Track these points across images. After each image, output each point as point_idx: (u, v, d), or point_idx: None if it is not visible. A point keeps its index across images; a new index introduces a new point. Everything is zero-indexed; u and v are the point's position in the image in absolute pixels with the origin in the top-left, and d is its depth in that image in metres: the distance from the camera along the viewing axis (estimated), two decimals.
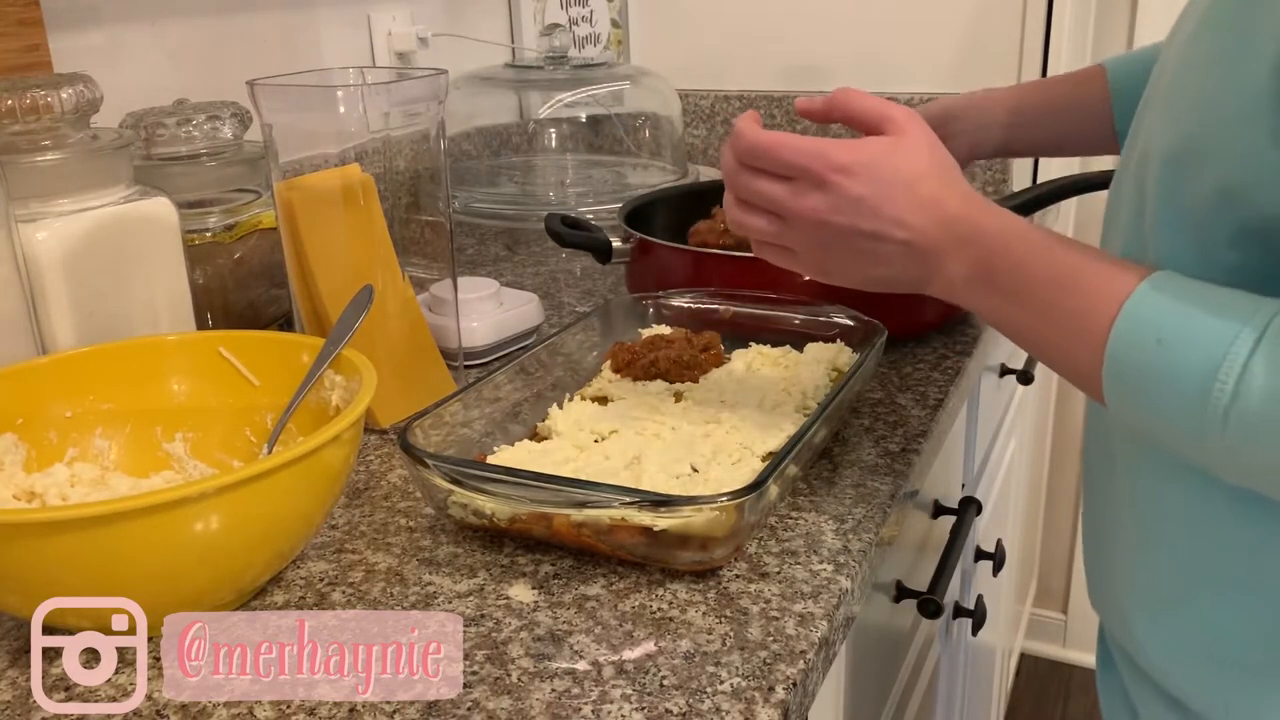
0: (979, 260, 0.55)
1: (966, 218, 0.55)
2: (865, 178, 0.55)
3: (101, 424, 0.65)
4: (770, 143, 0.56)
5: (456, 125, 1.37)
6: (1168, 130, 0.54)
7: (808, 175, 0.55)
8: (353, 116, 0.74)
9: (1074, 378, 0.54)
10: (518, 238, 1.29)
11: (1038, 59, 1.48)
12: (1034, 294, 0.53)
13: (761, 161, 0.57)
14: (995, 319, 0.56)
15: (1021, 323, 0.55)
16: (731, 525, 0.57)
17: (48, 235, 0.68)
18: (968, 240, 0.55)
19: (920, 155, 0.56)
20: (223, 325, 0.87)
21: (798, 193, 0.56)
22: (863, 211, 0.55)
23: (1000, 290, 0.54)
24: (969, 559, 1.19)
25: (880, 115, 0.57)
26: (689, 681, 0.50)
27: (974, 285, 0.55)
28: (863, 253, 0.56)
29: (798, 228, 0.57)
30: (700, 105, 1.66)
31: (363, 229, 0.78)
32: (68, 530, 0.47)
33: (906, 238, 0.55)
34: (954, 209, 0.55)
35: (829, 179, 0.55)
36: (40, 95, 0.68)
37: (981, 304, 0.56)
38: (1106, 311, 0.50)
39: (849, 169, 0.55)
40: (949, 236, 0.55)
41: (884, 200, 0.55)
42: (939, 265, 0.56)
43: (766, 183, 0.57)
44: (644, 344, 0.80)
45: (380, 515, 0.67)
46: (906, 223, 0.55)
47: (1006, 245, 0.54)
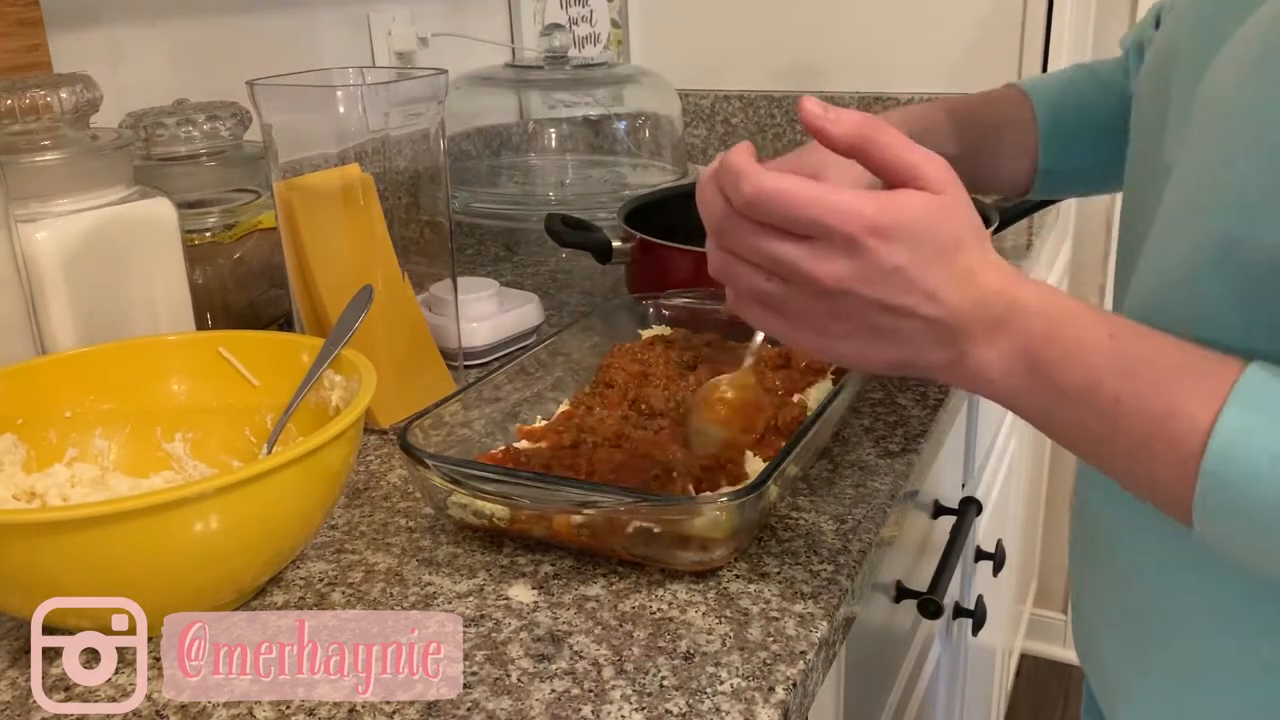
0: (1021, 347, 0.46)
1: (1003, 294, 0.46)
2: (905, 244, 0.44)
3: (101, 424, 0.65)
4: (787, 193, 0.44)
5: (456, 125, 1.37)
6: (1226, 171, 0.45)
7: (836, 237, 0.44)
8: (352, 116, 0.74)
9: (1152, 494, 0.45)
10: (518, 238, 1.29)
11: (1038, 59, 1.48)
12: (1097, 391, 0.44)
13: (773, 216, 0.45)
14: (1041, 419, 0.47)
15: (1079, 424, 0.46)
16: (731, 525, 0.57)
17: (47, 235, 0.68)
18: (1003, 322, 0.46)
19: (961, 220, 0.46)
20: (222, 325, 0.87)
21: (819, 255, 0.45)
22: (894, 283, 0.45)
23: (1048, 384, 0.46)
24: (969, 559, 1.19)
25: (916, 169, 0.46)
26: (689, 681, 0.50)
27: (1014, 377, 0.46)
28: (880, 330, 0.47)
29: (805, 295, 0.46)
30: (700, 105, 1.66)
31: (363, 229, 0.78)
32: (68, 530, 0.47)
33: (936, 314, 0.46)
34: (991, 283, 0.46)
35: (863, 243, 0.44)
36: (40, 95, 0.68)
37: (1024, 401, 0.47)
38: (1198, 417, 0.42)
39: (887, 232, 0.44)
40: (982, 315, 0.46)
41: (921, 271, 0.45)
42: (968, 348, 0.46)
43: (776, 241, 0.46)
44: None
45: (380, 515, 0.67)
46: (939, 297, 0.45)
47: (1054, 329, 0.45)
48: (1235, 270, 0.45)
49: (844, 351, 0.48)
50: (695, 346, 0.81)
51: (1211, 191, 0.46)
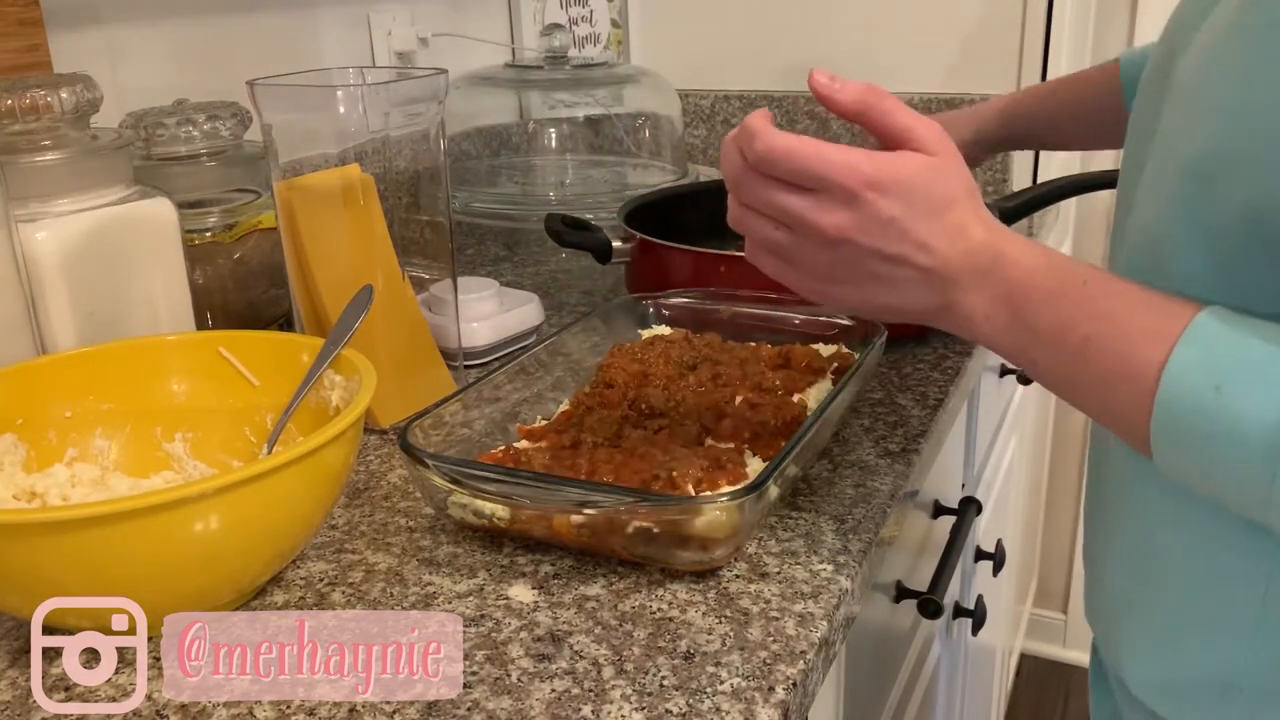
0: (1002, 294, 0.50)
1: (990, 246, 0.51)
2: (900, 198, 0.49)
3: (101, 424, 0.65)
4: (794, 150, 0.49)
5: (456, 125, 1.37)
6: (1190, 139, 0.50)
7: (837, 190, 0.49)
8: (353, 116, 0.74)
9: (1115, 426, 0.50)
10: (518, 238, 1.29)
11: (1038, 59, 1.48)
12: (1067, 332, 0.49)
13: (781, 170, 0.50)
14: (1022, 359, 0.52)
15: (1052, 364, 0.50)
16: (731, 525, 0.57)
17: (47, 235, 0.68)
18: (987, 271, 0.50)
19: (954, 179, 0.51)
20: (223, 325, 0.87)
21: (821, 207, 0.50)
22: (890, 233, 0.50)
23: (1027, 327, 0.50)
24: (969, 559, 1.19)
25: (910, 132, 0.51)
26: (689, 681, 0.50)
27: (996, 321, 0.51)
28: (877, 277, 0.51)
29: (811, 243, 0.51)
30: (700, 105, 1.66)
31: (363, 229, 0.78)
32: (68, 530, 0.47)
33: (928, 264, 0.50)
34: (978, 237, 0.51)
35: (862, 196, 0.49)
36: (40, 95, 0.68)
37: (1005, 341, 0.51)
38: (1154, 354, 0.46)
39: (884, 186, 0.49)
40: (968, 266, 0.50)
41: (914, 223, 0.50)
42: (957, 296, 0.51)
43: (784, 193, 0.50)
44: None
45: (380, 515, 0.67)
46: (931, 247, 0.50)
47: (1033, 277, 0.50)
48: (1199, 228, 0.49)
49: (844, 296, 0.53)
50: (695, 346, 0.81)
51: (1176, 158, 0.51)
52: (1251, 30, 0.47)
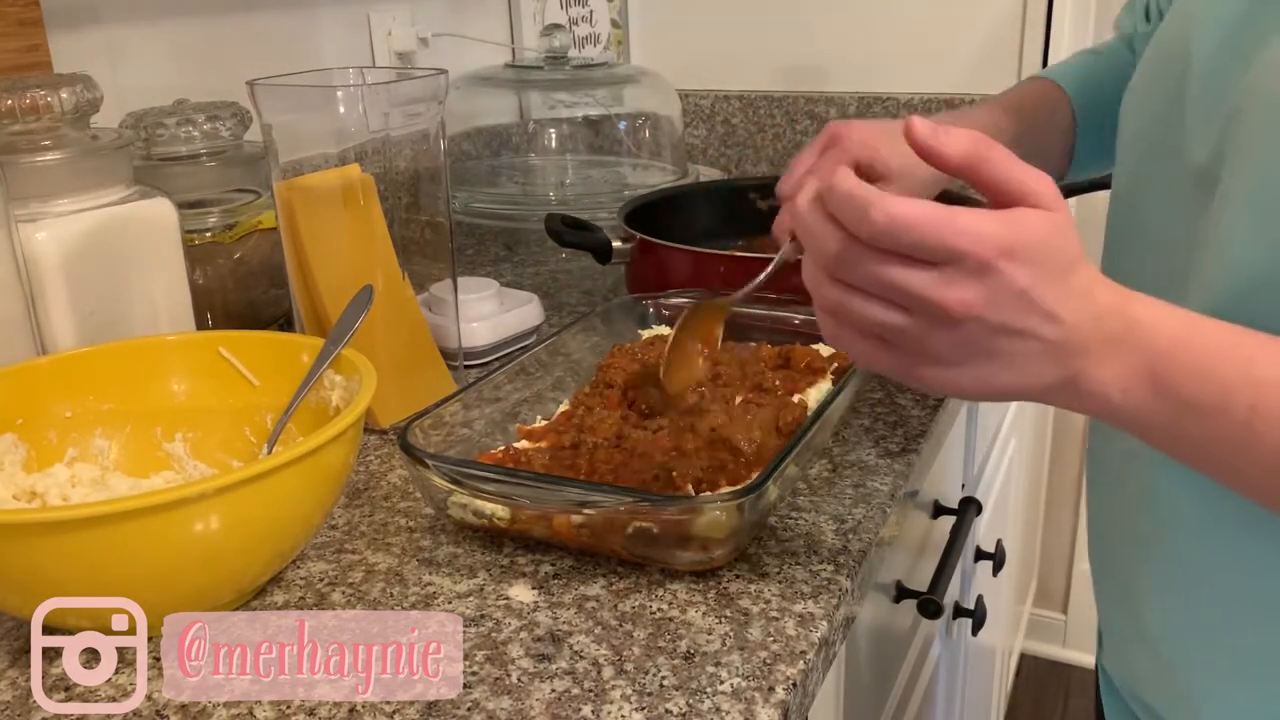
0: (1142, 363, 0.45)
1: (1119, 310, 0.45)
2: (1031, 265, 0.43)
3: (101, 424, 0.65)
4: (921, 220, 0.42)
5: (456, 125, 1.37)
6: None
7: (968, 260, 0.42)
8: (353, 116, 0.74)
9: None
10: (518, 238, 1.29)
11: (1038, 59, 1.48)
12: (1228, 400, 0.43)
13: (903, 243, 0.43)
14: (1166, 436, 0.46)
15: (1210, 438, 0.45)
16: (731, 525, 0.57)
17: (47, 235, 0.68)
18: (1121, 338, 0.45)
19: (1073, 238, 0.45)
20: (223, 325, 0.87)
21: (948, 282, 0.43)
22: (1020, 306, 0.43)
23: (1175, 399, 0.44)
24: (969, 559, 1.19)
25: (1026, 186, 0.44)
26: (689, 681, 0.50)
27: (1135, 394, 0.45)
28: (995, 355, 0.45)
29: (927, 324, 0.44)
30: (700, 105, 1.66)
31: (363, 229, 0.78)
32: (68, 530, 0.47)
33: (1055, 336, 0.44)
34: (1105, 300, 0.45)
35: (995, 266, 0.42)
36: (40, 95, 0.68)
37: (1147, 416, 0.45)
38: None
39: (1016, 253, 0.43)
40: (1098, 334, 0.44)
41: (1044, 291, 0.43)
42: (1085, 368, 0.45)
43: (903, 269, 0.43)
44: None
45: (380, 515, 0.67)
46: (1059, 317, 0.44)
47: (1176, 341, 0.45)
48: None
49: (961, 381, 0.46)
50: None
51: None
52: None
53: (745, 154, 1.65)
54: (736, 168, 1.65)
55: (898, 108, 1.51)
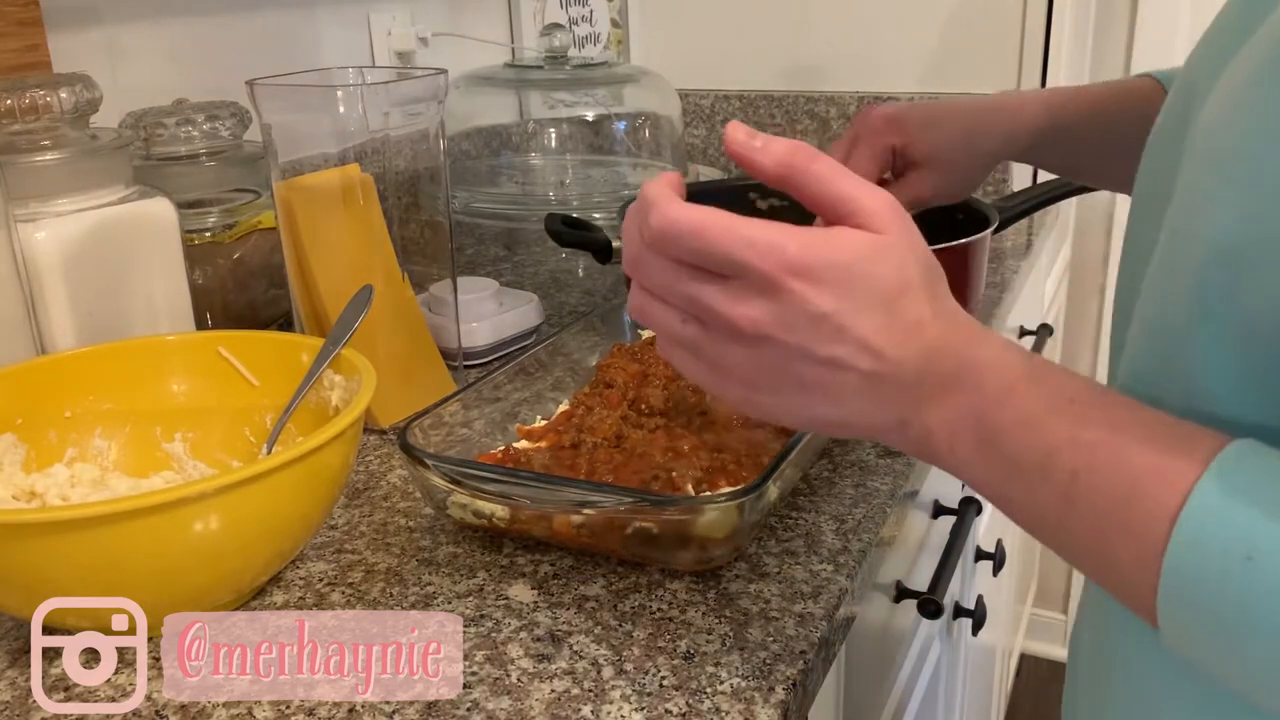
0: (970, 410, 0.41)
1: (953, 349, 0.41)
2: (834, 289, 0.39)
3: (101, 424, 0.65)
4: (700, 226, 0.40)
5: (456, 125, 1.37)
6: (1215, 215, 0.39)
7: (754, 275, 0.40)
8: (352, 116, 0.74)
9: (1111, 588, 0.39)
10: (517, 238, 1.29)
11: (1038, 59, 1.48)
12: (1051, 466, 0.39)
13: (684, 250, 0.41)
14: (992, 494, 0.42)
15: (1031, 505, 0.40)
16: (731, 525, 0.57)
17: (47, 235, 0.68)
18: (953, 380, 0.41)
19: (906, 263, 0.41)
20: (222, 325, 0.87)
21: (734, 296, 0.40)
22: (821, 332, 0.40)
23: (999, 455, 0.40)
24: (969, 559, 1.19)
25: (852, 204, 0.41)
26: (689, 681, 0.50)
27: (960, 445, 0.41)
28: (807, 385, 0.41)
29: (723, 340, 0.42)
30: (700, 105, 1.66)
31: (363, 229, 0.78)
32: (68, 530, 0.48)
33: (873, 369, 0.40)
34: (936, 336, 0.41)
35: (785, 286, 0.39)
36: (40, 95, 0.68)
37: (971, 471, 0.42)
38: (1163, 500, 0.36)
39: (814, 274, 0.39)
40: (929, 374, 0.41)
41: (853, 319, 0.40)
42: (910, 412, 0.42)
43: (689, 279, 0.41)
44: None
45: (380, 515, 0.67)
46: (876, 349, 0.40)
47: (1008, 391, 0.40)
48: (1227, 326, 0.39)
49: (773, 407, 0.43)
50: None
51: (1198, 238, 0.40)
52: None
53: None
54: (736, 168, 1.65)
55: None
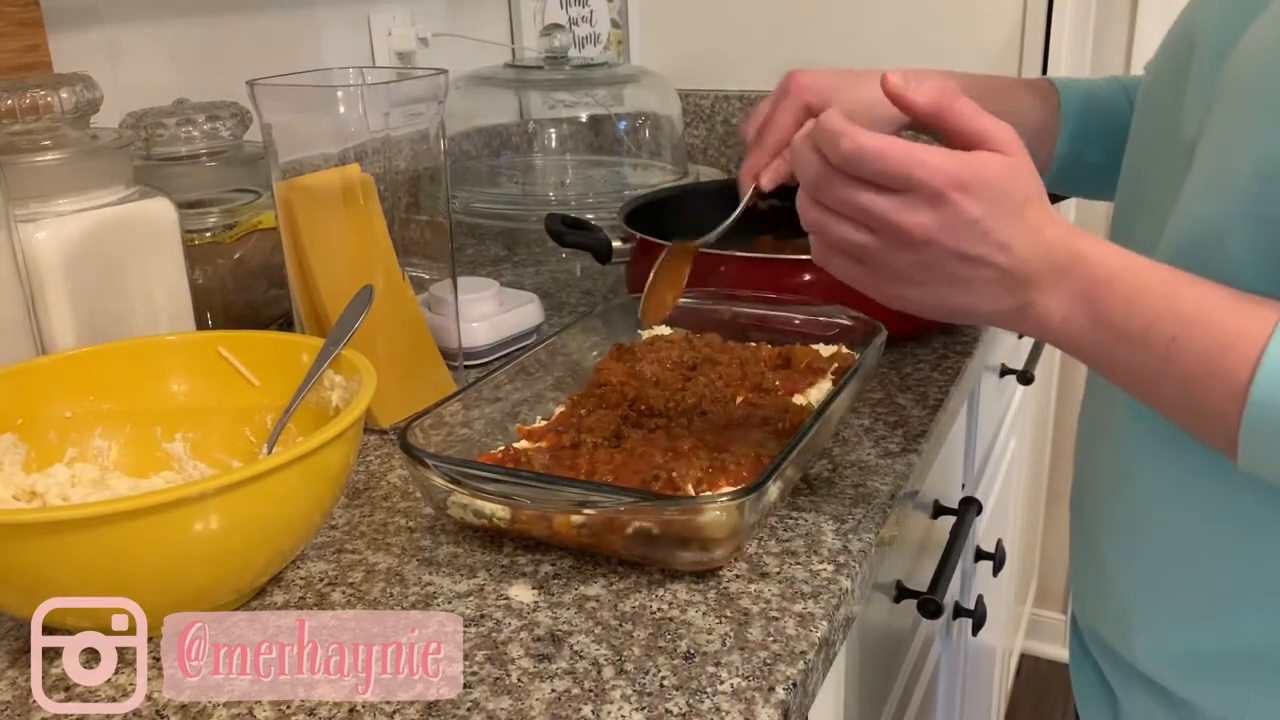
0: (1082, 293, 0.50)
1: (1066, 247, 0.50)
2: (984, 198, 0.49)
3: (101, 424, 0.65)
4: (884, 150, 0.49)
5: (456, 125, 1.37)
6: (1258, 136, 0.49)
7: (923, 190, 0.49)
8: (353, 116, 0.74)
9: (1201, 426, 0.50)
10: (518, 238, 1.29)
11: (1038, 59, 1.48)
12: (1153, 332, 0.48)
13: (867, 170, 0.49)
14: (1101, 360, 0.51)
15: (1136, 365, 0.50)
16: (731, 525, 0.57)
17: (47, 235, 0.68)
18: (1066, 271, 0.50)
19: (1031, 180, 0.51)
20: (222, 325, 0.87)
21: (908, 207, 0.49)
22: (972, 234, 0.49)
23: (1108, 327, 0.50)
24: (969, 559, 1.19)
25: (987, 133, 0.51)
26: (689, 681, 0.50)
27: (1075, 321, 0.50)
28: (955, 278, 0.51)
29: (893, 245, 0.51)
30: (700, 105, 1.66)
31: (363, 229, 0.78)
32: (68, 530, 0.47)
33: (1006, 264, 0.50)
34: (1055, 236, 0.50)
35: (948, 196, 0.49)
36: (40, 95, 0.68)
37: (1084, 342, 0.51)
38: (1246, 351, 0.46)
39: (968, 187, 0.49)
40: (1047, 266, 0.50)
41: (996, 223, 0.49)
42: (1034, 296, 0.51)
43: (870, 194, 0.50)
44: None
45: (380, 515, 0.67)
46: (1011, 247, 0.50)
47: (1113, 276, 0.50)
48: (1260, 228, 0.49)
49: (919, 299, 0.53)
50: (695, 346, 0.81)
51: (1239, 159, 0.50)
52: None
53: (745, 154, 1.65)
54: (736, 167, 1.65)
55: None
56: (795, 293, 0.86)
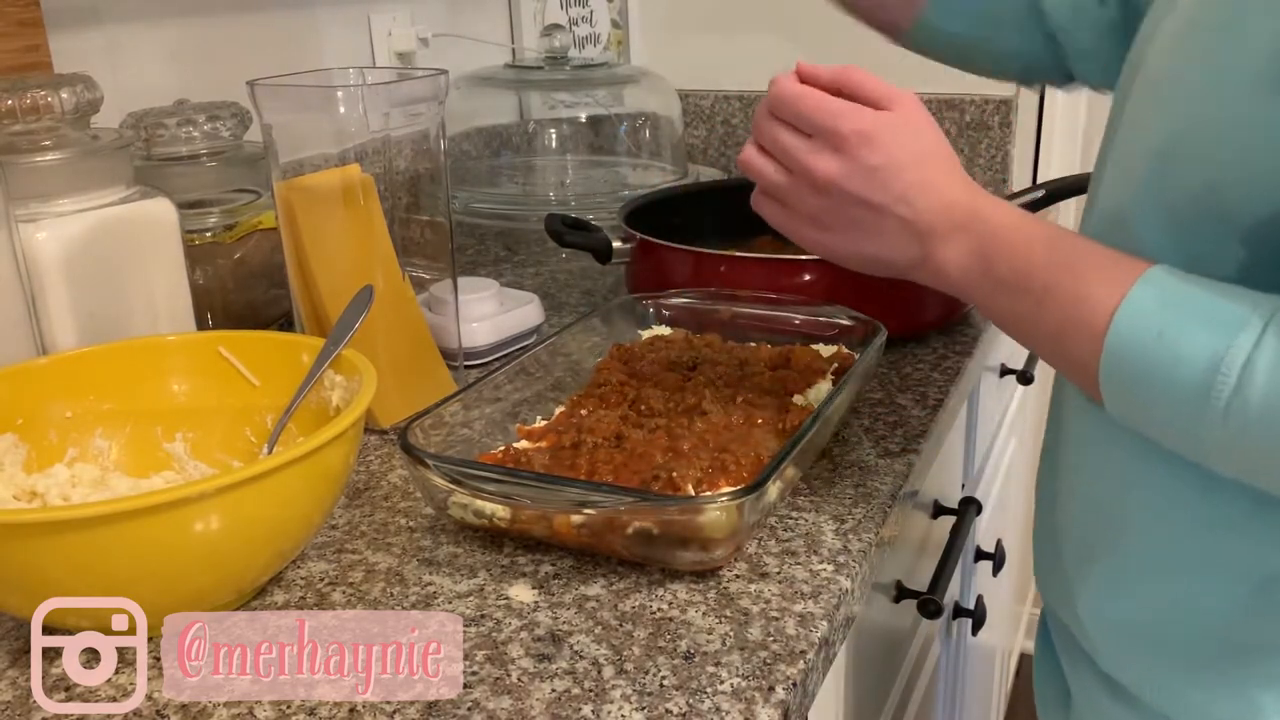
0: (975, 247, 0.55)
1: (965, 204, 0.56)
2: (884, 150, 0.55)
3: (101, 424, 0.65)
4: (799, 95, 0.57)
5: (456, 125, 1.37)
6: (1155, 125, 0.54)
7: (828, 135, 0.56)
8: (353, 116, 0.74)
9: (1070, 371, 0.54)
10: (518, 238, 1.29)
11: None
12: (1031, 281, 0.53)
13: (786, 112, 0.57)
14: (990, 308, 0.56)
15: (1017, 312, 0.54)
16: (731, 525, 0.57)
17: (48, 235, 0.68)
18: (963, 226, 0.55)
19: (927, 135, 0.57)
20: (223, 325, 0.87)
21: (814, 150, 0.56)
22: (874, 182, 0.55)
23: (996, 277, 0.54)
24: (969, 559, 1.19)
25: (888, 95, 0.57)
26: (689, 681, 0.50)
27: (969, 272, 0.55)
28: (862, 225, 0.57)
29: (804, 187, 0.57)
30: (700, 105, 1.66)
31: (363, 229, 0.78)
32: (68, 530, 0.47)
33: (908, 215, 0.55)
34: (953, 194, 0.56)
35: (849, 142, 0.55)
36: (40, 95, 0.68)
37: (976, 292, 0.56)
38: (1106, 302, 0.50)
39: (869, 137, 0.55)
40: (945, 220, 0.55)
41: (894, 174, 0.55)
42: (933, 248, 0.56)
43: (787, 133, 0.57)
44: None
45: (380, 515, 0.67)
46: (910, 199, 0.55)
47: (1002, 232, 0.55)
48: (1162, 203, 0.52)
49: (834, 244, 0.59)
50: (695, 347, 0.81)
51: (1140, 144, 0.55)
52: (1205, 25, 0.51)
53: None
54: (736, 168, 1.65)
55: None
56: (795, 293, 0.86)
